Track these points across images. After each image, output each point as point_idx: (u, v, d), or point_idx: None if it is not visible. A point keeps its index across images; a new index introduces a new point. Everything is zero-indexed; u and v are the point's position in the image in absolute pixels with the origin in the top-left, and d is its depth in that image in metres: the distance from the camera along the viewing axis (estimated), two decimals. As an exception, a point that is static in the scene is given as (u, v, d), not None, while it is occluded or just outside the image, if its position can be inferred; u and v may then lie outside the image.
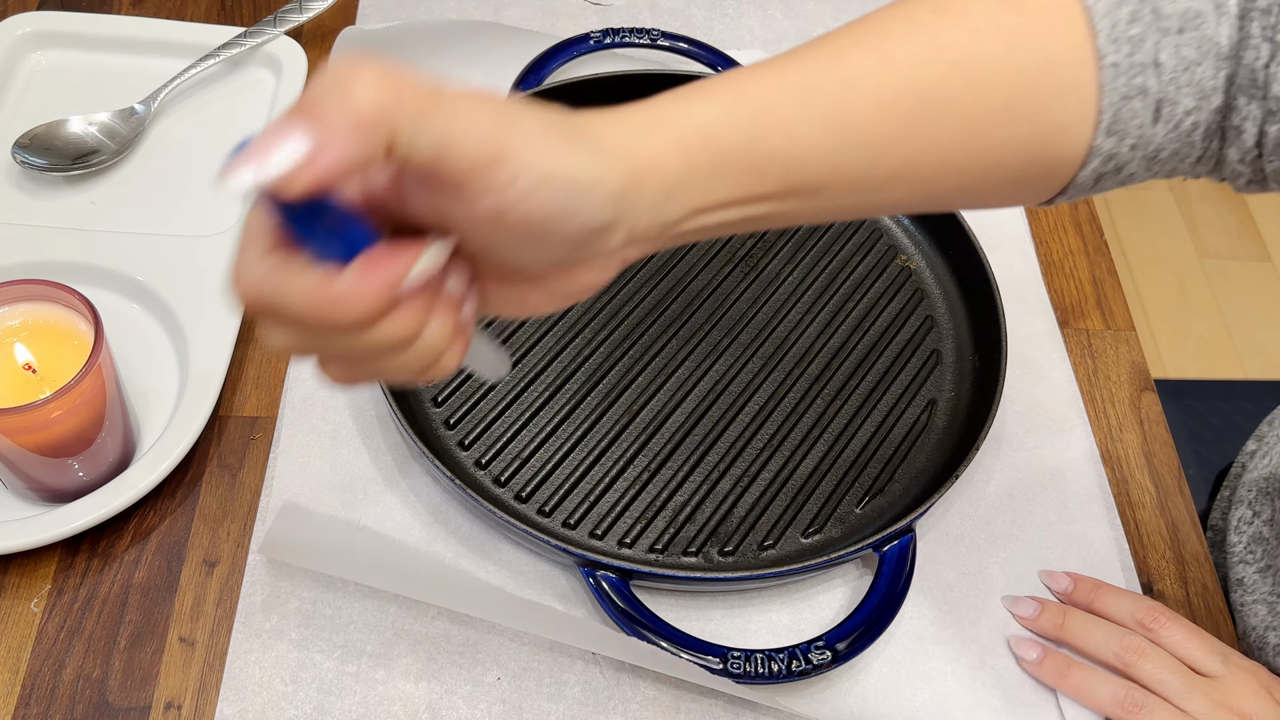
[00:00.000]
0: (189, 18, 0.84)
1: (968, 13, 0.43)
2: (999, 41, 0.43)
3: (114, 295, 0.67)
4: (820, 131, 0.41)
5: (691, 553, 0.61)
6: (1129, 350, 0.73)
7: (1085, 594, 0.60)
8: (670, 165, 0.39)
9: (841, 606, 0.61)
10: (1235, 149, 0.44)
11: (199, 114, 0.78)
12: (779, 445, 0.65)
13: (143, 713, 0.55)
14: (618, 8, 0.87)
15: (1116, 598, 0.59)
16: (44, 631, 0.57)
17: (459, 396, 0.65)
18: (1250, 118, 0.43)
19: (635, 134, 0.39)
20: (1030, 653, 0.58)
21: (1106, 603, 0.59)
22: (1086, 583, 0.61)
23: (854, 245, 0.75)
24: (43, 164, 0.72)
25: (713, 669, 0.55)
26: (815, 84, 0.42)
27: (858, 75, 0.42)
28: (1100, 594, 0.60)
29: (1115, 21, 0.42)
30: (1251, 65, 0.42)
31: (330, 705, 0.55)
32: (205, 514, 0.61)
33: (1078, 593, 0.60)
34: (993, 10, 0.43)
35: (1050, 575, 0.62)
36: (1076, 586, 0.61)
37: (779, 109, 0.41)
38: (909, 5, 0.44)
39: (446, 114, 0.34)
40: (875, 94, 0.42)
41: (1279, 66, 0.42)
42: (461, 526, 0.62)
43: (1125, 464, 0.68)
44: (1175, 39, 0.42)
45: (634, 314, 0.70)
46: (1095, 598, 0.59)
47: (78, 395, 0.54)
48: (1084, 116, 0.43)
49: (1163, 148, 0.45)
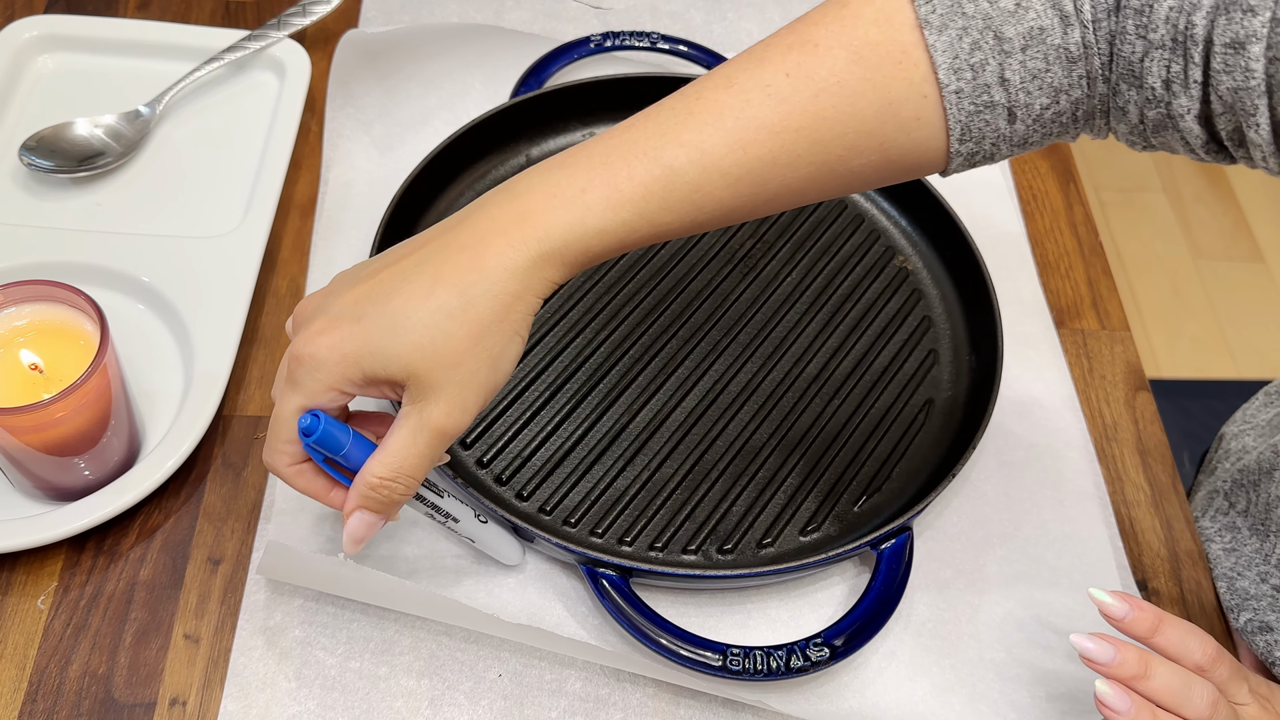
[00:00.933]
0: (193, 21, 0.84)
1: (815, 73, 0.48)
2: (842, 98, 0.48)
3: (119, 296, 0.67)
4: (681, 213, 0.48)
5: (691, 550, 0.61)
6: (1124, 350, 0.73)
7: (1147, 627, 0.52)
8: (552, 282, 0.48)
9: (839, 604, 0.61)
10: (1123, 125, 0.50)
11: (204, 116, 0.77)
12: (777, 444, 0.65)
13: (148, 709, 0.55)
14: (618, 11, 0.87)
15: (1179, 633, 0.52)
16: (50, 629, 0.57)
17: None
18: (1132, 102, 0.49)
19: (529, 274, 0.47)
20: (1121, 704, 0.49)
21: (1169, 638, 0.52)
22: (1147, 612, 0.52)
23: (852, 246, 0.74)
24: (49, 166, 0.72)
25: (712, 665, 0.55)
26: (677, 174, 0.47)
27: (713, 160, 0.47)
28: (1164, 628, 0.52)
29: (956, 53, 0.47)
30: (1129, 58, 0.48)
31: (334, 701, 0.55)
32: (209, 512, 0.61)
33: (1138, 624, 0.52)
34: (840, 66, 0.48)
35: (1103, 599, 0.52)
36: (1136, 617, 0.52)
37: (647, 212, 0.47)
38: (768, 68, 0.48)
39: None
40: (729, 173, 0.48)
41: (1151, 62, 0.47)
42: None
43: (1120, 463, 0.68)
44: (1020, 56, 0.47)
45: (633, 314, 0.70)
46: (1159, 632, 0.52)
47: (83, 395, 0.54)
48: (934, 136, 0.49)
49: (1028, 136, 0.50)
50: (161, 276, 0.67)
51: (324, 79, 0.80)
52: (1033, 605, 0.61)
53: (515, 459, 0.63)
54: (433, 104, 0.80)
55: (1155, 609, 0.52)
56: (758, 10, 0.88)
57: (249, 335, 0.68)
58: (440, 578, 0.59)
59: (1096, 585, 0.62)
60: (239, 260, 0.68)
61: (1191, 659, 0.52)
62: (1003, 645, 0.60)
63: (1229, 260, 1.95)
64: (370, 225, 0.73)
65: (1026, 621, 0.61)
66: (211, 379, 0.63)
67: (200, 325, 0.65)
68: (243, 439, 0.64)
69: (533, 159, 0.76)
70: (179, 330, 0.66)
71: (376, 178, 0.76)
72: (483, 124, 0.73)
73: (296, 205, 0.75)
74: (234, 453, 0.64)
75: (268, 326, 0.69)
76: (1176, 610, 0.62)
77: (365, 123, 0.78)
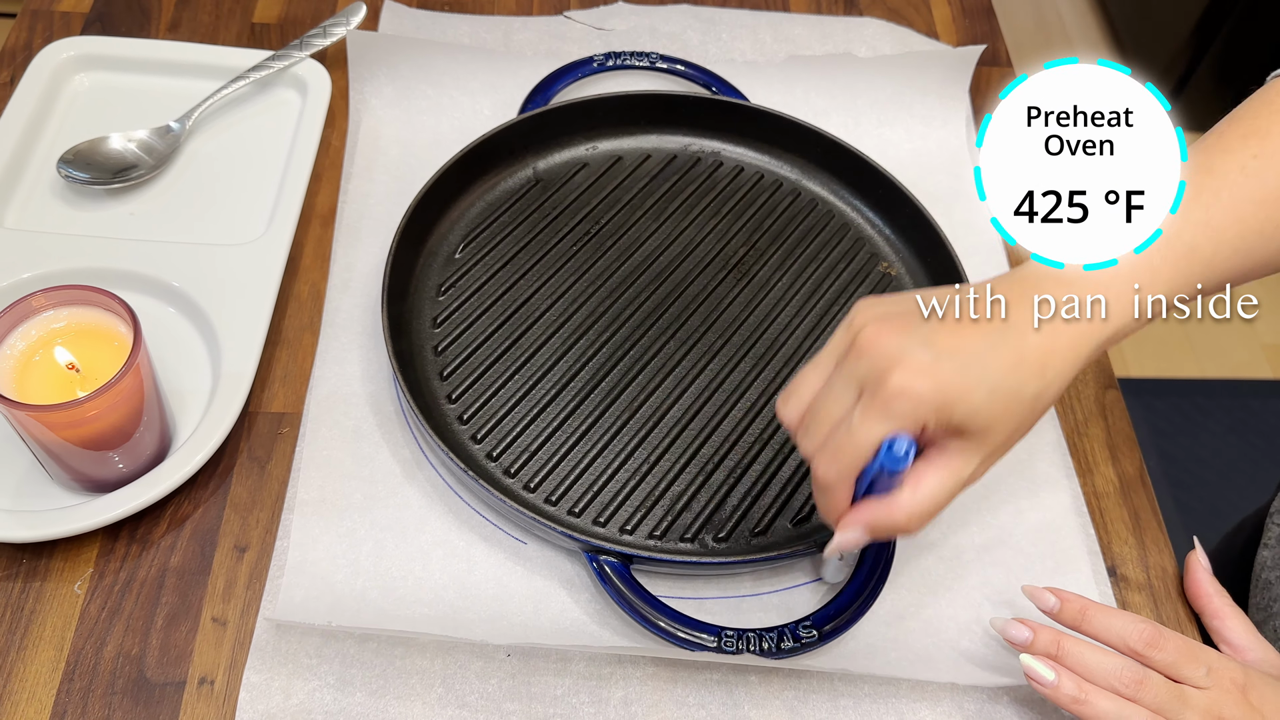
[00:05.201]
0: (221, 42, 0.84)
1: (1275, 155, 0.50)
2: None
3: (151, 300, 0.67)
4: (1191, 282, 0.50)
5: (688, 539, 0.61)
6: (1094, 350, 0.73)
7: (1073, 614, 0.55)
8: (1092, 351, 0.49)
9: (827, 589, 0.61)
10: None
11: (230, 131, 0.78)
12: (769, 439, 0.65)
13: (178, 687, 0.55)
14: (620, 32, 0.87)
15: (1106, 618, 0.55)
16: (86, 612, 0.57)
17: (471, 394, 0.65)
18: None
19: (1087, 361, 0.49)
20: (1047, 674, 0.53)
21: (1096, 624, 0.55)
22: (1074, 602, 0.56)
23: (839, 253, 0.75)
24: (85, 178, 0.72)
25: (707, 646, 0.55)
26: (1195, 250, 0.49)
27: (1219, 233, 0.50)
28: (1089, 614, 0.55)
29: None
30: None
31: (352, 676, 0.55)
32: (236, 503, 0.62)
33: (1065, 613, 0.56)
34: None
35: (1035, 592, 0.56)
36: (1064, 606, 0.56)
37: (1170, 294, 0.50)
38: (1234, 157, 0.50)
39: None
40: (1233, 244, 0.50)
41: None
42: (473, 516, 0.62)
43: (1091, 456, 0.68)
44: None
45: (634, 317, 0.70)
46: (1084, 619, 0.55)
47: (117, 393, 0.55)
48: None
49: None
50: (191, 281, 0.67)
51: (343, 97, 0.80)
52: (1007, 589, 0.61)
53: (523, 453, 0.63)
54: (445, 127, 0.80)
55: (1081, 598, 0.56)
56: (750, 32, 0.89)
57: (273, 336, 0.68)
58: (453, 564, 0.60)
59: (1069, 570, 0.62)
60: (264, 266, 0.68)
61: (1125, 643, 0.54)
62: (980, 626, 0.60)
63: (1194, 267, 1.95)
64: (386, 233, 0.73)
65: (1001, 605, 0.61)
66: (238, 378, 0.63)
67: (227, 327, 0.65)
68: (267, 434, 0.64)
69: (539, 172, 0.77)
70: (207, 332, 0.66)
71: (392, 189, 0.76)
72: (492, 138, 0.74)
73: (317, 215, 0.75)
74: (259, 447, 0.64)
75: (290, 328, 0.69)
76: (1144, 595, 0.62)
77: (382, 140, 0.79)
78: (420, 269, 0.70)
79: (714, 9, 0.90)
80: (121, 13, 0.85)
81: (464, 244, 0.72)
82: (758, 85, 0.83)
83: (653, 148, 0.79)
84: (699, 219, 0.75)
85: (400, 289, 0.67)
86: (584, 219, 0.75)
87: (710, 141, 0.80)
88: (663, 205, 0.76)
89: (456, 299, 0.69)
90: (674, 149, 0.79)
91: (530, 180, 0.76)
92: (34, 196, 0.72)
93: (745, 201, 0.77)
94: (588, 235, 0.74)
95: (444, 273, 0.71)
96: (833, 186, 0.78)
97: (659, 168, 0.78)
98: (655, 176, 0.77)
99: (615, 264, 0.72)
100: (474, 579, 0.59)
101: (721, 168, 0.79)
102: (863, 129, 0.82)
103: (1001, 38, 0.92)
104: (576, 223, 0.74)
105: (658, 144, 0.79)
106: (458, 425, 0.64)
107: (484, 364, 0.67)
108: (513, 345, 0.68)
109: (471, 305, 0.69)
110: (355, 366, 0.67)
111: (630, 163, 0.78)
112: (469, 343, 0.67)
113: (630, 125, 0.78)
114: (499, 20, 0.87)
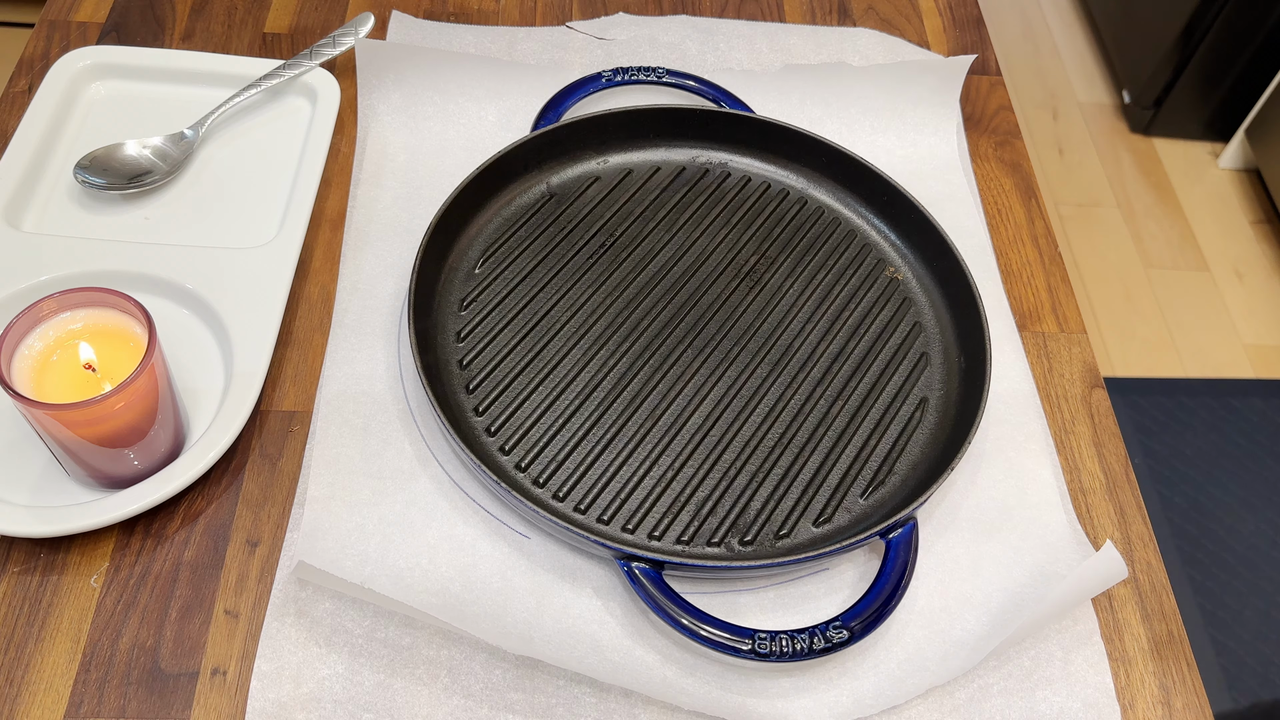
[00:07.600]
0: (233, 51, 0.84)
1: None
2: None
3: (166, 301, 0.67)
4: None
5: (714, 543, 0.61)
6: (1080, 351, 0.73)
7: None
8: None
9: (851, 589, 0.60)
10: None
11: (242, 138, 0.78)
12: (788, 443, 0.65)
13: (191, 678, 0.55)
14: (620, 42, 0.87)
15: None
16: (102, 605, 0.57)
17: (497, 406, 0.65)
18: None
19: None
20: None
21: None
22: None
23: (846, 259, 0.74)
24: (102, 183, 0.72)
25: (742, 650, 0.54)
26: None
27: None
28: None
29: None
30: None
31: (360, 666, 0.55)
32: (248, 499, 0.61)
33: None
34: None
35: None
36: None
37: None
38: None
39: None
40: None
41: None
42: (478, 511, 0.61)
43: (1078, 453, 0.68)
44: None
45: (652, 327, 0.70)
46: None
47: (133, 391, 0.54)
48: None
49: None
50: (204, 284, 0.67)
51: (352, 105, 0.80)
52: (996, 581, 0.61)
53: (551, 463, 0.63)
54: (451, 134, 0.80)
55: None
56: (747, 42, 0.89)
57: (284, 337, 0.68)
58: (459, 557, 0.59)
59: (1055, 564, 0.62)
60: (275, 269, 0.68)
61: None
62: (969, 619, 0.60)
63: (1176, 269, 1.95)
64: (394, 237, 0.73)
65: (988, 600, 0.60)
66: (250, 377, 0.63)
67: (239, 328, 0.65)
68: (278, 432, 0.64)
69: (552, 187, 0.76)
70: (220, 332, 0.66)
71: (400, 194, 0.76)
72: (507, 155, 0.73)
73: (327, 219, 0.75)
74: (270, 444, 0.64)
75: (301, 329, 0.69)
76: (1129, 588, 0.62)
77: (390, 147, 0.78)
78: (443, 284, 0.70)
79: (712, 19, 0.90)
80: (136, 23, 0.85)
81: (483, 259, 0.72)
82: (754, 93, 0.83)
83: (662, 160, 0.79)
84: (710, 228, 0.75)
85: (425, 304, 0.67)
86: (599, 231, 0.74)
87: (717, 153, 0.79)
88: (674, 216, 0.76)
89: (479, 313, 0.69)
90: (683, 161, 0.79)
91: (545, 195, 0.76)
92: (52, 201, 0.72)
93: (754, 210, 0.77)
94: (603, 247, 0.73)
95: (465, 287, 0.70)
96: (838, 194, 0.78)
97: (669, 179, 0.78)
98: (666, 188, 0.77)
99: (631, 275, 0.72)
100: (479, 573, 0.59)
101: (730, 178, 0.78)
102: (856, 135, 0.82)
103: (991, 47, 0.92)
104: (592, 235, 0.74)
105: (666, 156, 0.79)
106: (486, 437, 0.63)
107: (508, 376, 0.66)
108: (535, 357, 0.67)
109: (493, 319, 0.69)
110: (364, 366, 0.67)
111: (641, 175, 0.78)
112: (493, 356, 0.67)
113: (640, 139, 0.78)
114: (503, 30, 0.87)
